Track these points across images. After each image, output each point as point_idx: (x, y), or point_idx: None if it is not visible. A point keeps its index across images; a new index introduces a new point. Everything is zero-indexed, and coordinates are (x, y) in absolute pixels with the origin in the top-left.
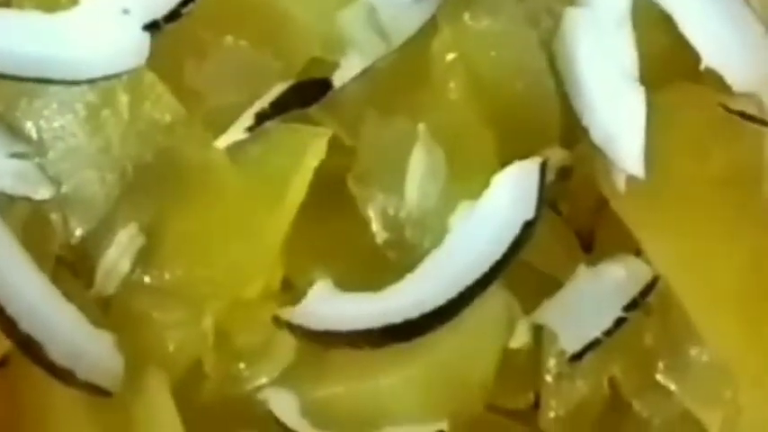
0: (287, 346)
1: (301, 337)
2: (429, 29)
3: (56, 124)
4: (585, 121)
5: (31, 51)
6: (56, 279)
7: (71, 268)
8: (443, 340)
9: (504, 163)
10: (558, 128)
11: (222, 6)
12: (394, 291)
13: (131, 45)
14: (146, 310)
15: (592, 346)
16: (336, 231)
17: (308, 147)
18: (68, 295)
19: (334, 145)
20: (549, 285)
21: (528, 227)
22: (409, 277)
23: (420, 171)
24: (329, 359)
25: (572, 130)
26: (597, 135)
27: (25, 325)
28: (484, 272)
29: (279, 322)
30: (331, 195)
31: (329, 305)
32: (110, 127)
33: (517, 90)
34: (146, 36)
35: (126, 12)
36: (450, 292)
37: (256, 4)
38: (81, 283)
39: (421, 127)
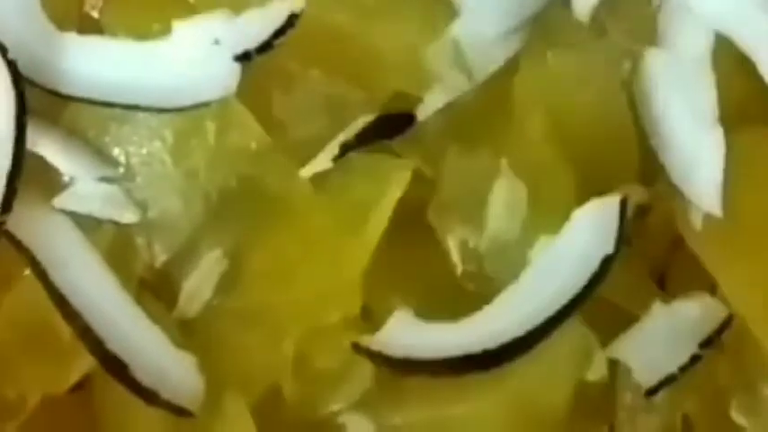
0: (365, 372)
1: (380, 363)
2: (512, 66)
3: (143, 150)
4: (663, 160)
5: (121, 78)
6: (140, 301)
7: (154, 291)
8: (521, 371)
9: (583, 199)
10: (636, 165)
11: (309, 39)
12: (473, 321)
13: (221, 75)
14: (227, 334)
15: (667, 381)
16: (416, 261)
17: (392, 177)
18: (152, 317)
19: (416, 177)
20: (624, 320)
21: (607, 262)
22: (488, 308)
23: (501, 204)
24: (407, 386)
25: (649, 168)
26: (675, 173)
27: (112, 345)
28: (562, 305)
29: (358, 349)
30: (412, 226)
31: (408, 333)
32: (196, 154)
33: (597, 128)
34: (236, 66)
35: (217, 42)
36: (529, 323)
37: (343, 37)
38: (164, 306)
39: (503, 162)
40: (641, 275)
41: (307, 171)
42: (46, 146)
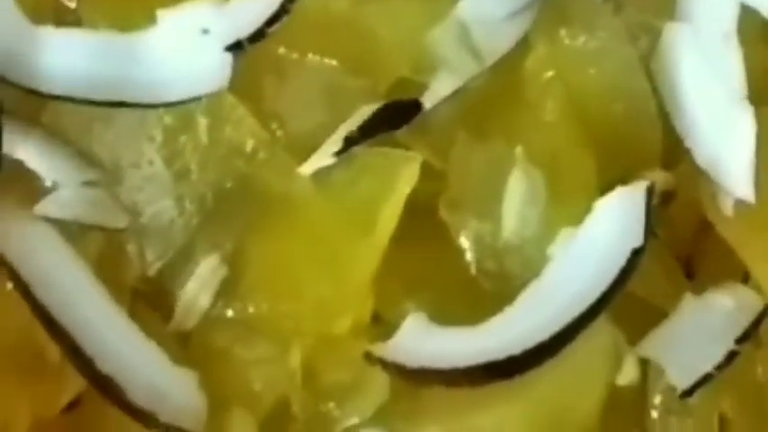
0: (380, 383)
1: (395, 374)
2: (523, 46)
3: (131, 150)
4: (689, 142)
5: (104, 73)
6: (133, 314)
7: (148, 302)
8: (546, 377)
9: (604, 187)
10: (659, 149)
11: (304, 25)
12: (494, 324)
13: (211, 67)
14: (228, 346)
15: (703, 381)
16: (429, 261)
17: (400, 172)
18: (147, 331)
19: (425, 170)
20: (653, 316)
21: (636, 255)
22: (509, 310)
23: (518, 196)
24: (424, 397)
25: (673, 151)
26: (702, 156)
27: (103, 364)
28: (589, 304)
29: (371, 359)
30: (422, 223)
31: (424, 340)
32: (188, 153)
33: (616, 109)
34: (227, 57)
35: (206, 31)
36: (554, 325)
37: (341, 22)
38: (159, 318)
39: (518, 150)
40: (669, 267)
41: (307, 167)
42: (24, 149)
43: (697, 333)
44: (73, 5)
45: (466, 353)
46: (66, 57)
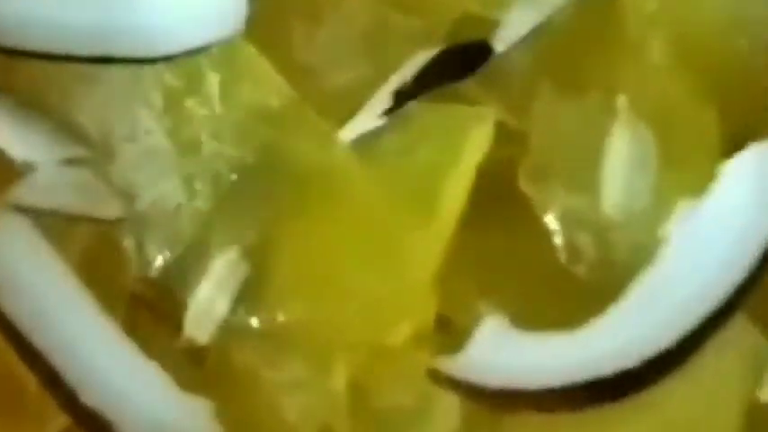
0: (449, 409)
1: (468, 396)
2: None
3: (124, 119)
4: None
5: (88, 22)
6: (130, 328)
7: (150, 312)
8: (669, 395)
9: (728, 145)
10: None
11: None
12: (597, 328)
13: (222, 8)
14: (253, 366)
15: None
16: (507, 249)
17: (468, 134)
18: (147, 350)
19: (501, 130)
20: None
21: None
22: (615, 309)
23: (621, 160)
24: (507, 426)
25: None
26: None
27: (90, 396)
28: (721, 298)
29: (437, 377)
30: (497, 200)
31: (505, 351)
32: (196, 120)
33: (739, 47)
34: None
35: None
36: (677, 327)
37: None
38: (164, 332)
39: (619, 101)
40: None
41: (348, 133)
42: None
43: None
44: None
45: (562, 367)
46: (38, 2)
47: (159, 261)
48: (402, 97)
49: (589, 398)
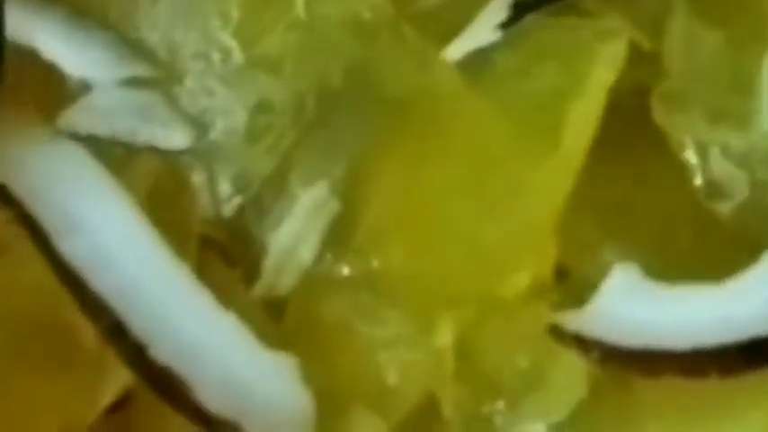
0: (573, 373)
1: (597, 357)
2: None
3: (193, 34)
4: None
5: None
6: (202, 273)
7: (224, 256)
8: None
9: None
10: None
11: None
12: (750, 281)
13: None
14: (345, 320)
15: None
16: (639, 187)
17: (596, 55)
18: (222, 298)
19: (634, 51)
20: None
21: None
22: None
23: None
24: (642, 394)
25: None
26: None
27: (159, 350)
28: None
29: (559, 334)
30: (629, 130)
31: (639, 306)
32: (276, 35)
33: None
34: None
35: None
36: None
37: None
38: (240, 279)
39: None
40: None
41: (454, 52)
42: (41, 35)
43: None
44: None
45: (711, 325)
46: None
47: (234, 199)
48: (519, 8)
49: (744, 362)
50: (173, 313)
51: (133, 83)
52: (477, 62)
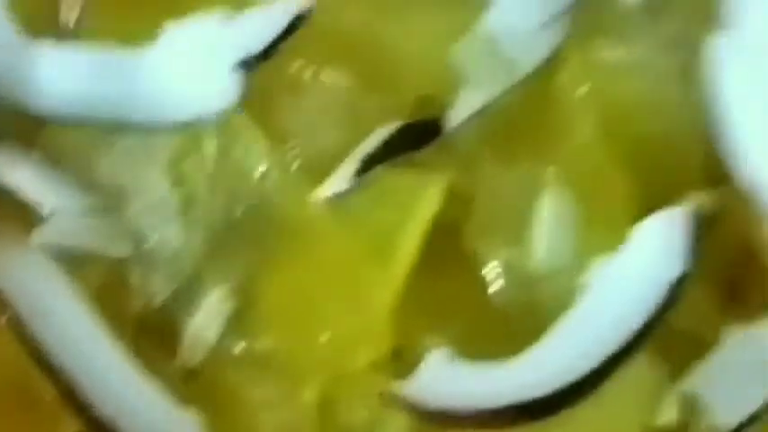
0: (399, 426)
1: (415, 416)
2: (554, 60)
3: (134, 174)
4: (733, 161)
5: (104, 92)
6: (135, 349)
7: (153, 336)
8: (580, 417)
9: (643, 211)
10: (701, 170)
11: (319, 39)
12: (522, 361)
13: (220, 85)
14: (236, 385)
15: (750, 422)
16: (453, 292)
17: (421, 196)
18: (150, 368)
19: (450, 193)
20: (695, 349)
21: (677, 285)
22: (538, 345)
23: (548, 222)
24: None
25: (716, 172)
26: (747, 177)
27: (101, 406)
28: (627, 338)
29: (389, 398)
30: (446, 251)
31: (448, 377)
32: (195, 177)
33: (655, 126)
34: (237, 74)
35: (214, 47)
36: (588, 362)
37: (358, 36)
38: (164, 354)
39: (549, 171)
40: (713, 295)
41: (323, 192)
42: (19, 174)
43: (743, 368)
44: (72, 20)
45: (494, 392)
46: (63, 74)
47: (161, 294)
48: (369, 163)
49: (516, 418)
50: (113, 378)
51: (89, 209)
52: (339, 200)
